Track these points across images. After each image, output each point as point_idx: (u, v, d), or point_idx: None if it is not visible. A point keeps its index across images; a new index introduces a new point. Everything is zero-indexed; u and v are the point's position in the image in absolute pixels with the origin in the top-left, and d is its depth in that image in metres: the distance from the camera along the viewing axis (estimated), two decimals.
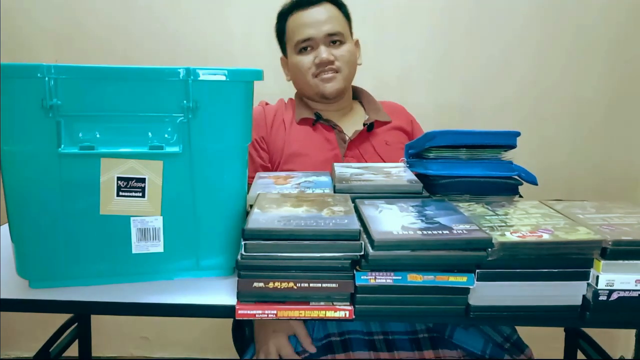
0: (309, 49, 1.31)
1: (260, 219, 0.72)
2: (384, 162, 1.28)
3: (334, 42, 1.30)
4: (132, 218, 0.77)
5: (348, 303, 0.70)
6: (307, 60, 1.30)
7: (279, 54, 1.42)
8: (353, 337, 0.93)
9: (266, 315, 0.69)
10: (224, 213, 0.80)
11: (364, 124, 1.33)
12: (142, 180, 0.76)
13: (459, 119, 1.75)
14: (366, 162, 1.30)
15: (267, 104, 1.42)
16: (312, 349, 0.94)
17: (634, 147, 1.79)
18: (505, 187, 0.93)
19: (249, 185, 0.98)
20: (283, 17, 1.36)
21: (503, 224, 0.74)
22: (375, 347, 0.92)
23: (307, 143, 1.30)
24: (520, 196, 0.96)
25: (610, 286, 0.68)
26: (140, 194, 0.76)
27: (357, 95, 1.46)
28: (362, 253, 0.68)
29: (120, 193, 0.76)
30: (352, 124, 1.36)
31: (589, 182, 1.79)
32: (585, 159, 1.79)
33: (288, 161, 1.29)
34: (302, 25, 1.30)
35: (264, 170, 1.30)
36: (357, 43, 1.39)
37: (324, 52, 1.28)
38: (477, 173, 0.92)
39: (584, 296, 0.70)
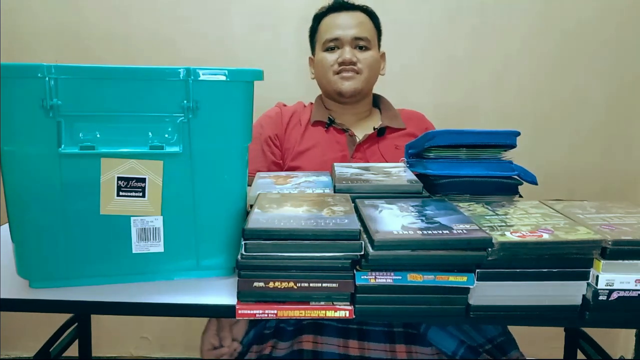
0: (335, 48, 1.36)
1: (261, 218, 0.72)
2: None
3: (360, 47, 1.36)
4: (132, 218, 0.77)
5: (348, 303, 0.70)
6: (331, 57, 1.36)
7: (280, 55, 1.42)
8: (325, 322, 0.94)
9: (266, 315, 0.69)
10: (224, 213, 0.80)
11: (374, 128, 1.37)
12: (143, 180, 0.76)
13: (460, 119, 1.75)
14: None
15: (284, 105, 1.45)
16: (227, 344, 0.97)
17: (634, 147, 1.79)
18: (505, 187, 0.93)
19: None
20: (318, 18, 1.43)
21: (503, 224, 0.74)
22: (346, 335, 0.92)
23: (317, 143, 1.35)
24: (520, 196, 0.96)
25: (610, 286, 0.68)
26: (141, 194, 0.76)
27: (377, 103, 1.50)
28: (362, 253, 0.68)
29: (121, 193, 0.76)
30: (366, 128, 1.40)
31: (589, 182, 1.79)
32: (585, 159, 1.79)
33: (296, 158, 1.33)
34: (333, 26, 1.37)
35: (275, 166, 1.35)
36: (383, 56, 1.45)
37: (347, 53, 1.34)
38: (477, 173, 0.92)
39: (583, 296, 0.70)
